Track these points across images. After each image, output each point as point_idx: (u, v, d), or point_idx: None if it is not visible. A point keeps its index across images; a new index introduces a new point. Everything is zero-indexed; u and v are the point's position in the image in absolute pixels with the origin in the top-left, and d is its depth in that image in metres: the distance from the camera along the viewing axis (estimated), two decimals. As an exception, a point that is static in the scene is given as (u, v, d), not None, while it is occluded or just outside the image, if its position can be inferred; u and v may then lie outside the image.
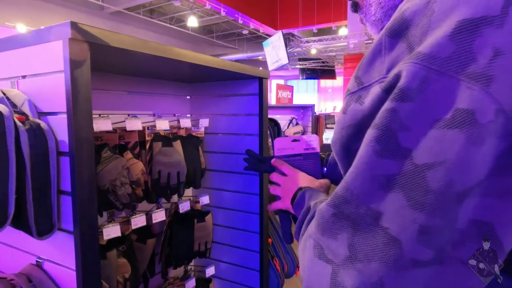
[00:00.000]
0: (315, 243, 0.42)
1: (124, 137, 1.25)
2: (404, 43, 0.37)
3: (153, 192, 1.31)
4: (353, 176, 0.37)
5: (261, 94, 1.48)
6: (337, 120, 0.48)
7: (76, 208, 0.75)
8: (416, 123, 0.33)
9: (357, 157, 0.37)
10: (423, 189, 0.32)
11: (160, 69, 1.26)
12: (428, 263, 0.32)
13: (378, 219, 0.35)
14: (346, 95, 0.45)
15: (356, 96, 0.42)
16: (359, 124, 0.41)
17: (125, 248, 1.28)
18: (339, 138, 0.46)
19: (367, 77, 0.41)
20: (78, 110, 0.74)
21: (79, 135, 0.75)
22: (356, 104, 0.42)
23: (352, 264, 0.36)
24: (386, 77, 0.37)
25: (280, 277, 1.60)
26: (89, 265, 0.78)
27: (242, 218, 1.58)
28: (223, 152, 1.61)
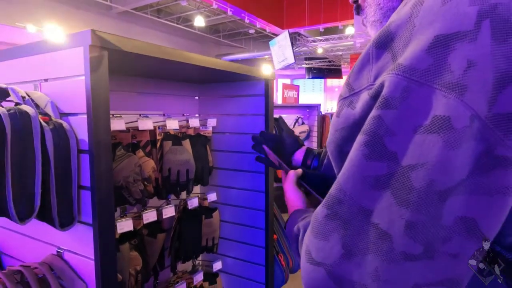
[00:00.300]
0: (306, 249, 0.45)
1: (136, 136, 1.31)
2: (389, 53, 0.40)
3: (163, 189, 1.37)
4: (345, 177, 0.41)
5: (266, 95, 1.53)
6: (331, 123, 0.51)
7: (95, 202, 0.81)
8: (400, 128, 0.37)
9: (348, 160, 0.41)
10: (407, 188, 0.36)
11: (171, 71, 1.32)
12: (418, 256, 0.35)
13: (369, 216, 0.38)
14: (339, 100, 0.49)
15: (348, 101, 0.45)
16: (351, 127, 0.44)
17: (136, 242, 1.35)
18: (333, 140, 0.49)
19: (357, 83, 0.45)
20: (97, 111, 0.80)
21: (97, 134, 0.81)
22: (348, 109, 0.45)
23: (348, 260, 0.39)
24: (374, 84, 0.41)
25: (285, 272, 1.65)
26: (107, 255, 0.84)
27: (248, 215, 1.64)
28: (230, 151, 1.67)
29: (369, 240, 0.38)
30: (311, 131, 5.24)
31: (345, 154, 0.47)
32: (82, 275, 0.87)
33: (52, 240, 0.93)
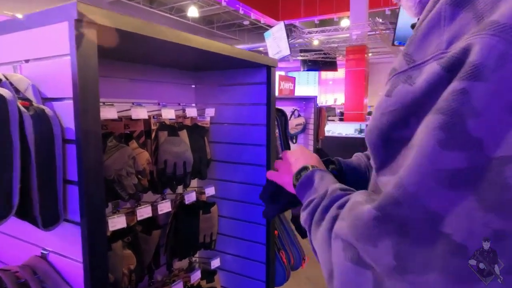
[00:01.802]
0: (346, 245, 0.38)
1: (129, 126, 1.21)
2: (470, 12, 0.32)
3: (158, 183, 1.28)
4: (409, 171, 0.32)
5: (269, 83, 1.44)
6: (376, 105, 0.43)
7: (83, 198, 0.72)
8: (490, 107, 0.28)
9: (415, 148, 0.32)
10: (498, 187, 0.27)
11: (165, 56, 1.22)
12: (500, 274, 0.28)
13: (438, 223, 0.30)
14: (390, 76, 0.40)
15: (405, 76, 0.37)
16: (407, 109, 0.36)
17: (130, 240, 1.26)
18: (377, 126, 0.40)
19: (421, 53, 0.36)
20: (85, 95, 0.71)
21: (86, 121, 0.71)
22: (405, 85, 0.37)
23: (400, 275, 0.31)
24: (447, 52, 0.33)
25: (286, 269, 1.58)
26: (97, 258, 0.75)
27: (248, 210, 1.56)
28: (229, 143, 1.58)
29: (434, 254, 0.29)
30: (307, 124, 5.17)
31: (392, 143, 0.39)
32: (69, 279, 0.78)
33: (35, 240, 0.84)
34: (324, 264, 0.42)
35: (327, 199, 0.49)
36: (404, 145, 0.37)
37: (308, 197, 0.55)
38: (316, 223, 0.47)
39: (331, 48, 10.23)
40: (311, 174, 0.59)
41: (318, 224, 0.47)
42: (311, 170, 0.60)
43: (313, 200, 0.52)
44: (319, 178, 0.57)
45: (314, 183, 0.56)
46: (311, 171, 0.60)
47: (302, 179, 0.59)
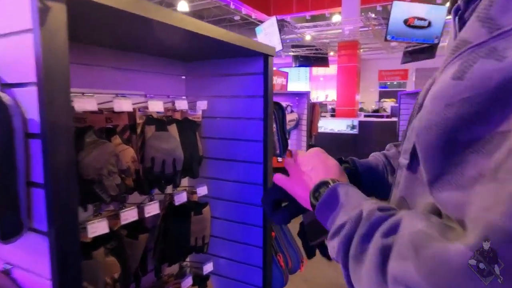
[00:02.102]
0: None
1: (112, 119, 1.08)
2: None
3: (145, 182, 1.16)
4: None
5: (266, 74, 1.33)
6: (436, 94, 0.32)
7: (51, 203, 0.60)
8: None
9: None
10: None
11: (153, 41, 1.10)
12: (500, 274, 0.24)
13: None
14: (459, 51, 0.29)
15: (487, 49, 0.27)
16: (489, 96, 0.26)
17: (114, 245, 1.14)
18: (438, 122, 0.30)
19: (509, 17, 0.26)
20: (52, 80, 0.59)
21: (53, 111, 0.59)
22: (488, 61, 0.26)
23: None
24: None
25: (284, 273, 1.48)
26: (68, 274, 0.63)
27: (244, 211, 1.45)
28: (222, 138, 1.46)
29: None
30: (300, 120, 5.08)
31: (460, 145, 0.29)
32: (37, 299, 0.66)
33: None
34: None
35: (365, 224, 0.39)
36: (476, 151, 0.28)
37: (334, 221, 0.45)
38: (355, 258, 0.38)
39: (323, 44, 10.14)
40: (333, 191, 0.49)
41: (358, 259, 0.37)
42: (333, 185, 0.50)
43: (343, 226, 0.42)
44: (345, 195, 0.48)
45: (339, 202, 0.47)
46: (333, 187, 0.50)
47: (323, 198, 0.49)
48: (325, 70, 14.70)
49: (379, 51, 10.73)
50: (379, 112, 10.27)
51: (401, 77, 13.24)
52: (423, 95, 0.56)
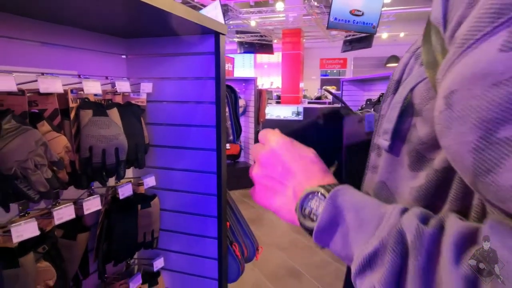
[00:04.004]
0: None
1: (38, 102, 0.92)
2: None
3: (82, 175, 1.01)
4: None
5: (217, 54, 1.23)
6: (470, 73, 0.25)
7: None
8: None
9: None
10: None
11: (86, 12, 0.94)
12: None
13: None
14: (500, 20, 0.24)
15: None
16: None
17: (46, 249, 0.98)
18: (476, 108, 0.25)
19: None
20: None
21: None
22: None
23: None
24: None
25: (240, 263, 1.43)
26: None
27: (197, 201, 1.35)
28: (171, 124, 1.34)
29: None
30: (247, 106, 5.03)
31: (498, 144, 0.23)
32: None
33: None
34: None
35: (419, 250, 0.29)
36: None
37: (351, 246, 0.35)
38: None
39: (268, 31, 10.14)
40: (334, 205, 0.37)
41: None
42: (330, 196, 0.38)
43: (377, 255, 0.32)
44: (351, 206, 0.36)
45: (346, 219, 0.36)
46: (331, 199, 0.37)
47: (324, 218, 0.37)
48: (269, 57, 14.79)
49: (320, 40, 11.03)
50: (321, 99, 10.64)
51: (341, 65, 13.82)
52: (400, 70, 0.51)
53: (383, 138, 0.46)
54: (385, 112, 0.49)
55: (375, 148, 0.51)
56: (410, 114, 0.43)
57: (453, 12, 0.32)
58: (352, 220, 0.35)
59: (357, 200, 0.36)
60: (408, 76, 0.47)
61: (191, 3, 10.41)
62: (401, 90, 0.45)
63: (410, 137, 0.43)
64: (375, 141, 0.51)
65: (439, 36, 0.35)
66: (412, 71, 0.46)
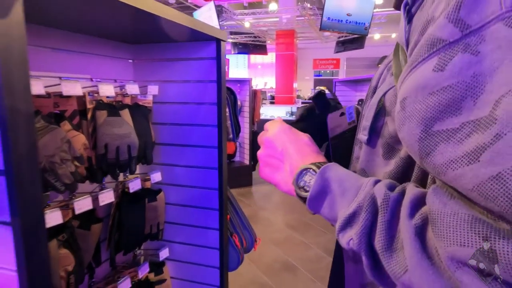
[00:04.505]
0: (481, 276, 0.29)
1: (59, 104, 1.02)
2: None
3: (98, 170, 1.12)
4: None
5: (219, 59, 1.34)
6: (416, 85, 0.35)
7: (14, 191, 0.57)
8: None
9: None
10: None
11: (98, 21, 1.04)
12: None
13: None
14: (435, 48, 0.34)
15: (462, 45, 0.31)
16: (466, 84, 0.31)
17: (65, 237, 1.08)
18: (419, 110, 0.34)
19: (476, 16, 0.31)
20: (11, 59, 0.55)
21: (12, 93, 0.55)
22: (465, 55, 0.31)
23: None
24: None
25: (240, 253, 1.54)
26: (35, 262, 0.61)
27: (199, 195, 1.46)
28: (175, 124, 1.45)
29: None
30: (242, 106, 5.13)
31: (433, 135, 0.33)
32: (-1, 293, 0.62)
33: None
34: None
35: (385, 210, 0.39)
36: (445, 140, 0.33)
37: (336, 209, 0.44)
38: (387, 248, 0.38)
39: (261, 32, 10.26)
40: (323, 178, 0.46)
41: (390, 248, 0.38)
42: (321, 171, 0.47)
43: (355, 215, 0.41)
44: (338, 179, 0.46)
45: (333, 189, 0.45)
46: (321, 173, 0.47)
47: (315, 188, 0.46)
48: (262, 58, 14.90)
49: (313, 41, 11.17)
50: (315, 99, 10.76)
51: (334, 66, 13.98)
52: (376, 79, 0.63)
53: (363, 133, 0.57)
54: (365, 112, 0.60)
55: (358, 142, 0.62)
56: (382, 114, 0.54)
57: (411, 37, 0.44)
58: (337, 190, 0.45)
59: (341, 174, 0.46)
60: (382, 83, 0.59)
61: (184, 4, 10.48)
62: (376, 95, 0.57)
63: (383, 132, 0.54)
64: (357, 137, 0.63)
65: (404, 53, 0.46)
66: (385, 80, 0.58)
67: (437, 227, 0.33)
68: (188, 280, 1.55)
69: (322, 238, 3.40)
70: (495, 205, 0.28)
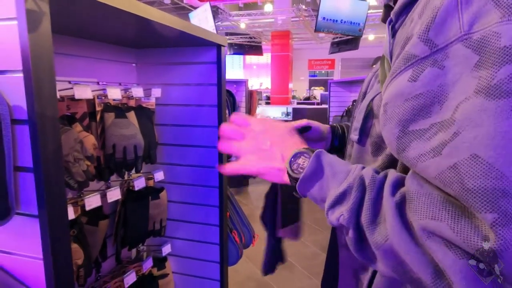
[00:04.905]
0: (450, 244, 0.35)
1: (70, 107, 1.08)
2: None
3: (105, 169, 1.18)
4: (502, 158, 0.32)
5: (219, 63, 1.41)
6: (395, 92, 0.42)
7: (41, 186, 0.63)
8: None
9: (498, 134, 0.32)
10: None
11: (103, 27, 1.10)
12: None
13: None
14: (410, 62, 0.40)
15: (431, 60, 0.38)
16: (434, 93, 0.37)
17: (75, 233, 1.15)
18: (395, 115, 0.41)
19: (442, 37, 0.38)
20: (39, 66, 0.61)
21: (41, 97, 0.62)
22: (433, 69, 0.38)
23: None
24: (472, 33, 0.35)
25: (239, 248, 1.60)
26: (59, 252, 0.67)
27: (200, 193, 1.53)
28: (177, 125, 1.51)
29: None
30: (239, 107, 5.20)
31: (409, 134, 0.39)
32: (26, 279, 0.68)
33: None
34: (417, 262, 0.38)
35: (372, 189, 0.45)
36: (417, 137, 0.39)
37: (327, 189, 0.49)
38: (371, 223, 0.43)
39: (257, 33, 10.33)
40: (318, 160, 0.51)
41: (375, 222, 0.43)
42: (316, 154, 0.51)
43: (346, 193, 0.46)
44: (329, 162, 0.51)
45: (325, 171, 0.50)
46: (316, 156, 0.51)
47: (310, 168, 0.50)
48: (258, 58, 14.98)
49: (308, 42, 11.27)
50: (310, 99, 10.87)
51: (329, 66, 14.09)
52: (366, 85, 0.71)
53: (354, 134, 0.65)
54: (355, 115, 0.68)
55: (350, 142, 0.70)
56: (371, 117, 0.62)
57: (395, 49, 0.51)
58: (329, 172, 0.50)
59: (332, 159, 0.52)
60: (370, 89, 0.66)
61: (180, 4, 10.51)
62: (365, 100, 0.64)
63: (372, 133, 0.61)
64: (349, 137, 0.70)
65: (388, 63, 0.53)
66: (373, 86, 0.66)
67: (413, 204, 0.39)
68: (189, 275, 1.62)
69: (318, 236, 3.48)
70: (451, 190, 0.35)
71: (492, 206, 0.32)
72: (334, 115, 4.74)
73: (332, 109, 5.04)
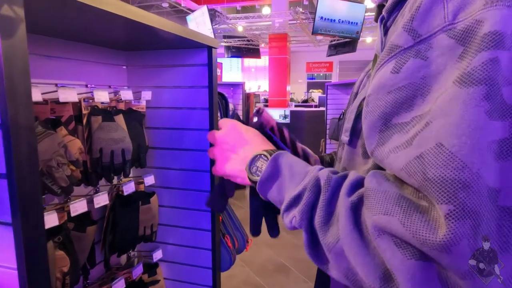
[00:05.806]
0: (400, 242, 0.33)
1: (56, 110, 1.05)
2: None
3: (93, 173, 1.15)
4: (467, 148, 0.30)
5: (210, 65, 1.38)
6: (378, 84, 0.40)
7: (15, 193, 0.61)
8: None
9: (464, 122, 0.30)
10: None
11: (92, 29, 1.08)
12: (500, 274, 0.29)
13: (496, 199, 0.30)
14: (393, 53, 0.39)
15: (414, 51, 0.37)
16: (417, 85, 0.36)
17: (61, 239, 1.12)
18: (378, 107, 0.39)
19: (425, 27, 0.36)
20: (11, 70, 0.59)
21: (15, 101, 0.59)
22: (416, 60, 0.36)
23: None
24: (455, 23, 0.34)
25: (232, 253, 1.57)
26: (36, 261, 0.64)
27: (192, 197, 1.50)
28: (168, 128, 1.49)
29: (504, 233, 0.29)
30: (236, 110, 5.18)
31: (391, 127, 0.38)
32: (0, 290, 0.65)
33: None
34: (367, 266, 0.36)
35: (327, 189, 0.43)
36: (398, 131, 0.38)
37: (284, 192, 0.48)
38: (324, 223, 0.41)
39: (254, 35, 10.34)
40: (275, 162, 0.50)
41: (328, 223, 0.41)
42: (273, 156, 0.50)
43: (301, 195, 0.45)
44: (287, 165, 0.49)
45: (282, 173, 0.49)
46: (273, 158, 0.50)
47: (267, 171, 0.49)
48: (256, 61, 15.01)
49: (306, 44, 11.29)
50: (308, 102, 10.88)
51: (327, 69, 14.11)
52: (357, 85, 0.69)
53: (345, 135, 0.63)
54: (347, 115, 0.65)
55: (341, 144, 0.67)
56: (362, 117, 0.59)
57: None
58: (287, 174, 0.48)
59: (291, 161, 0.50)
60: (362, 89, 0.64)
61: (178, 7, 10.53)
62: (357, 100, 0.62)
63: (362, 134, 0.59)
64: (340, 138, 0.68)
65: None
66: (365, 86, 0.63)
67: (369, 201, 0.37)
68: (181, 281, 1.59)
69: (315, 239, 3.45)
70: (414, 181, 0.33)
71: (449, 197, 0.30)
72: (331, 118, 4.73)
73: (329, 111, 5.03)
